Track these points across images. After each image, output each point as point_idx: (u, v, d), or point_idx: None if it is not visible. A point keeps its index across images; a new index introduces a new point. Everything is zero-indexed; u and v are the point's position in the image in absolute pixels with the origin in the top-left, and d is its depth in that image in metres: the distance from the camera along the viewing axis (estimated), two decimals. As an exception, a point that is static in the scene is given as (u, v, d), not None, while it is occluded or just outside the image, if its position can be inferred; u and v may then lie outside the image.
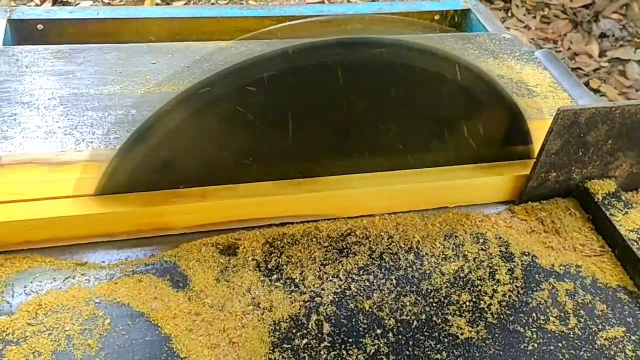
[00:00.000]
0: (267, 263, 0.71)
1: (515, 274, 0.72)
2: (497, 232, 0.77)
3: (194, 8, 1.32)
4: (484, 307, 0.68)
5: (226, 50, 0.99)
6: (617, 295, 0.71)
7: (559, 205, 0.81)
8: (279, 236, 0.74)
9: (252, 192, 0.75)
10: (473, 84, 0.76)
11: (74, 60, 1.01)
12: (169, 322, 0.62)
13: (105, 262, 0.69)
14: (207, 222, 0.74)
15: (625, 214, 0.77)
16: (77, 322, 0.61)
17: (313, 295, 0.68)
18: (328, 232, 0.75)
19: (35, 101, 0.91)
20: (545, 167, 0.78)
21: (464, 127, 0.79)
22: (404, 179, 0.79)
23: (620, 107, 0.75)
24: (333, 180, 0.78)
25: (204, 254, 0.70)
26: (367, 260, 0.72)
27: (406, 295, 0.69)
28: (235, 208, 0.74)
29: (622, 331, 0.67)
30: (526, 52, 1.17)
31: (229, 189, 0.75)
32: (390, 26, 0.98)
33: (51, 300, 0.63)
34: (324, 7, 1.35)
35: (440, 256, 0.74)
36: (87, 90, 0.95)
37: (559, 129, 0.74)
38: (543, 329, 0.67)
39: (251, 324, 0.63)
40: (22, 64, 0.99)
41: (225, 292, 0.66)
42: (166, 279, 0.67)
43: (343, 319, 0.66)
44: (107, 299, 0.64)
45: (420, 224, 0.77)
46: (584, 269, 0.74)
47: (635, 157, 0.81)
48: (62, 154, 0.80)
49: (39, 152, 0.80)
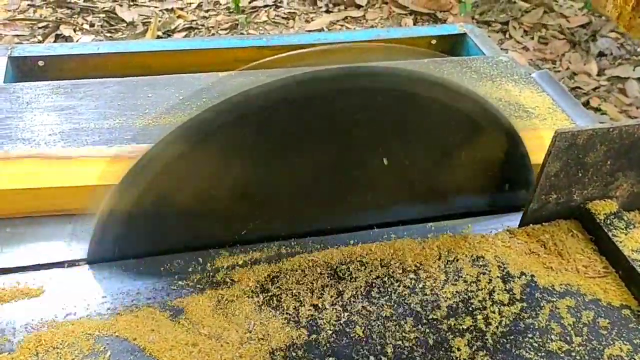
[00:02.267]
0: (263, 292, 0.70)
1: (515, 296, 0.72)
2: (497, 254, 0.77)
3: (193, 40, 1.34)
4: (485, 329, 0.68)
5: (225, 80, 1.00)
6: (621, 313, 0.71)
7: (561, 227, 0.81)
8: (275, 266, 0.74)
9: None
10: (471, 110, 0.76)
11: (74, 96, 1.02)
12: (165, 353, 0.62)
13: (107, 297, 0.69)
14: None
15: (628, 234, 0.77)
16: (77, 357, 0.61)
17: (310, 323, 0.67)
18: (325, 259, 0.74)
19: (36, 137, 0.92)
20: (546, 190, 0.78)
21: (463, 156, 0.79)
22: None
23: (618, 128, 0.75)
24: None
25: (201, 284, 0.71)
26: (365, 286, 0.72)
27: (405, 321, 0.68)
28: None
29: (627, 349, 0.66)
30: (523, 74, 1.17)
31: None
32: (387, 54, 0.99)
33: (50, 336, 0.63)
34: (322, 36, 1.36)
35: (439, 280, 0.73)
36: (88, 124, 0.96)
37: (557, 151, 0.74)
38: (546, 349, 0.66)
39: (248, 354, 0.63)
40: (23, 100, 1.00)
41: (222, 322, 0.66)
42: (163, 310, 0.67)
43: (342, 346, 0.65)
44: (106, 333, 0.64)
45: (418, 248, 0.77)
46: (587, 290, 0.73)
47: (635, 176, 0.81)
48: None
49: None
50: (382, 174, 0.78)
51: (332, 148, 0.75)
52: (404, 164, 0.78)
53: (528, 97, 1.10)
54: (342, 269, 0.74)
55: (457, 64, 1.19)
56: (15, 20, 2.77)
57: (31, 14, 2.84)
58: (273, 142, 0.73)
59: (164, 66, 1.22)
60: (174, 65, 1.23)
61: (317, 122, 0.73)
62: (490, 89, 1.11)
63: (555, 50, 2.75)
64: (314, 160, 0.75)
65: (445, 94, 0.74)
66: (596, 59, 2.69)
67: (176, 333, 0.64)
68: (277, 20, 2.95)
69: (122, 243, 0.72)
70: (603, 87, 2.52)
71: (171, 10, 2.96)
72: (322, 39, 1.32)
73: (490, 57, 1.24)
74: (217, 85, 1.00)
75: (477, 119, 0.77)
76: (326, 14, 3.01)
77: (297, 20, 2.95)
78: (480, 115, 0.77)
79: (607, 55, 2.71)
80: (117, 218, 0.71)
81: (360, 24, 2.95)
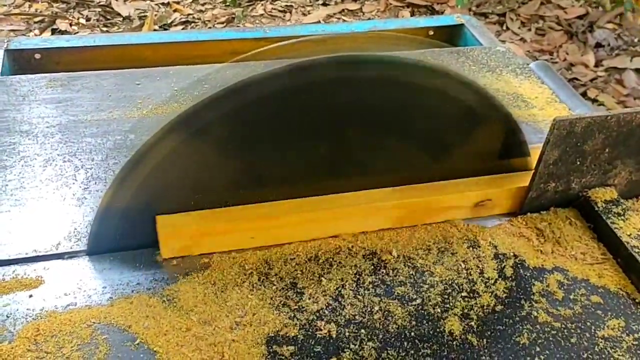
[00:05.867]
0: (258, 278, 0.70)
1: (509, 285, 0.72)
2: (495, 243, 0.77)
3: (190, 32, 1.33)
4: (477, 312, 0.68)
5: (222, 71, 1.00)
6: (617, 294, 0.72)
7: (559, 215, 0.81)
8: (269, 253, 0.74)
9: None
10: (470, 98, 0.76)
11: (71, 88, 1.02)
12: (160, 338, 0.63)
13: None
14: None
15: (627, 221, 0.77)
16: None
17: (303, 310, 0.67)
18: (315, 247, 0.75)
19: (34, 129, 0.92)
20: (544, 178, 0.78)
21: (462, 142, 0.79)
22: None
23: (616, 116, 0.75)
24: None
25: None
26: (362, 274, 0.72)
27: (399, 306, 0.68)
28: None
29: (619, 325, 0.68)
30: (521, 64, 1.17)
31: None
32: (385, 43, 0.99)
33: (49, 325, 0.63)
34: (319, 27, 1.36)
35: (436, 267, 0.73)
36: (85, 117, 0.95)
37: (556, 139, 0.74)
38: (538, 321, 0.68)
39: (242, 339, 0.63)
40: (20, 93, 1.00)
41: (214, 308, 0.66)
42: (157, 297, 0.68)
43: (334, 332, 0.65)
44: (104, 322, 0.65)
45: (416, 238, 0.77)
46: (582, 274, 0.74)
47: (634, 164, 0.81)
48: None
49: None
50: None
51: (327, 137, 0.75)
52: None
53: (526, 87, 1.10)
54: (338, 258, 0.74)
55: (454, 54, 1.19)
56: (11, 15, 2.76)
57: (27, 9, 2.84)
58: (269, 131, 0.72)
59: (161, 58, 1.22)
60: (171, 57, 1.23)
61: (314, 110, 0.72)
62: (489, 79, 1.11)
63: (553, 42, 2.75)
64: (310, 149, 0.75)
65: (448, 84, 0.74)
66: (593, 50, 2.69)
67: (170, 319, 0.65)
68: (273, 13, 2.95)
69: (121, 235, 0.72)
70: (600, 78, 2.53)
71: (167, 4, 2.96)
72: (320, 31, 1.32)
73: (487, 47, 1.24)
74: (213, 76, 1.00)
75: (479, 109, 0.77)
76: (323, 7, 3.01)
77: (293, 13, 2.95)
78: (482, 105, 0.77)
79: (605, 46, 2.71)
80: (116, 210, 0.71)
81: (357, 16, 2.95)
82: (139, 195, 0.70)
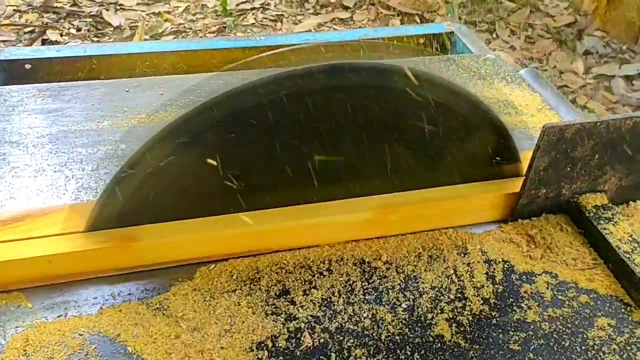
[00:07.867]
0: (247, 285, 0.70)
1: (499, 290, 0.72)
2: (485, 249, 0.77)
3: (180, 42, 1.33)
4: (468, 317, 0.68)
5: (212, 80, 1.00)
6: (607, 297, 0.72)
7: (550, 221, 0.81)
8: (258, 262, 0.74)
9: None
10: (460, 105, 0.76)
11: (62, 98, 1.02)
12: (148, 346, 0.62)
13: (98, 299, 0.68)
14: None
15: (617, 226, 0.77)
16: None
17: (293, 317, 0.67)
18: (305, 255, 0.75)
19: (24, 140, 0.91)
20: (535, 184, 0.78)
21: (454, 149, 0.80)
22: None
23: (605, 122, 0.75)
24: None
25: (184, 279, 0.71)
26: (351, 282, 0.72)
27: (389, 312, 0.68)
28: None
29: (609, 323, 0.68)
30: (511, 71, 1.18)
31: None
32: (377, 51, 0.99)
33: (39, 336, 0.63)
34: (310, 36, 1.37)
35: (426, 273, 0.73)
36: (76, 126, 0.95)
37: (546, 145, 0.74)
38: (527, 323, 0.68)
39: (230, 346, 0.63)
40: (10, 103, 0.99)
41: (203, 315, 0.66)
42: (146, 304, 0.67)
43: (323, 339, 0.65)
44: (93, 331, 0.64)
45: (405, 246, 0.77)
46: (571, 278, 0.74)
47: (623, 170, 0.81)
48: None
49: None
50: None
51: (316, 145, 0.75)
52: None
53: (516, 94, 1.11)
54: (327, 266, 0.74)
55: (444, 61, 1.20)
56: (1, 26, 2.75)
57: (17, 19, 2.83)
58: (259, 139, 0.72)
59: (152, 68, 1.22)
60: (162, 67, 1.23)
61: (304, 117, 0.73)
62: (479, 86, 1.11)
63: (542, 49, 2.77)
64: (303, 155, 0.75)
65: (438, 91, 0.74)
66: (582, 57, 2.71)
67: (159, 326, 0.65)
68: (264, 22, 2.96)
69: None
70: (589, 85, 2.54)
71: (158, 14, 2.96)
72: (311, 39, 1.32)
73: (478, 55, 1.24)
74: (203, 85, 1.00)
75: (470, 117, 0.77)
76: (314, 16, 3.02)
77: (284, 23, 2.96)
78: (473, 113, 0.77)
79: (593, 54, 2.73)
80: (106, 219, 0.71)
81: (348, 25, 2.96)
82: (130, 204, 0.70)
